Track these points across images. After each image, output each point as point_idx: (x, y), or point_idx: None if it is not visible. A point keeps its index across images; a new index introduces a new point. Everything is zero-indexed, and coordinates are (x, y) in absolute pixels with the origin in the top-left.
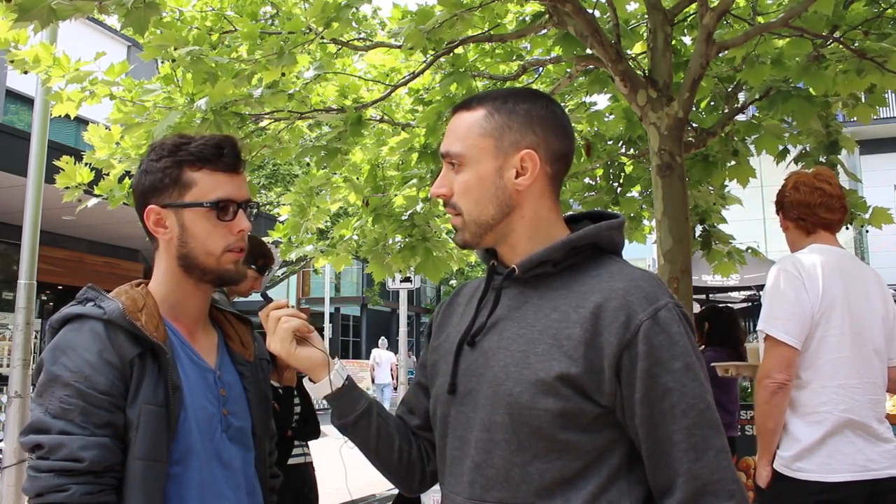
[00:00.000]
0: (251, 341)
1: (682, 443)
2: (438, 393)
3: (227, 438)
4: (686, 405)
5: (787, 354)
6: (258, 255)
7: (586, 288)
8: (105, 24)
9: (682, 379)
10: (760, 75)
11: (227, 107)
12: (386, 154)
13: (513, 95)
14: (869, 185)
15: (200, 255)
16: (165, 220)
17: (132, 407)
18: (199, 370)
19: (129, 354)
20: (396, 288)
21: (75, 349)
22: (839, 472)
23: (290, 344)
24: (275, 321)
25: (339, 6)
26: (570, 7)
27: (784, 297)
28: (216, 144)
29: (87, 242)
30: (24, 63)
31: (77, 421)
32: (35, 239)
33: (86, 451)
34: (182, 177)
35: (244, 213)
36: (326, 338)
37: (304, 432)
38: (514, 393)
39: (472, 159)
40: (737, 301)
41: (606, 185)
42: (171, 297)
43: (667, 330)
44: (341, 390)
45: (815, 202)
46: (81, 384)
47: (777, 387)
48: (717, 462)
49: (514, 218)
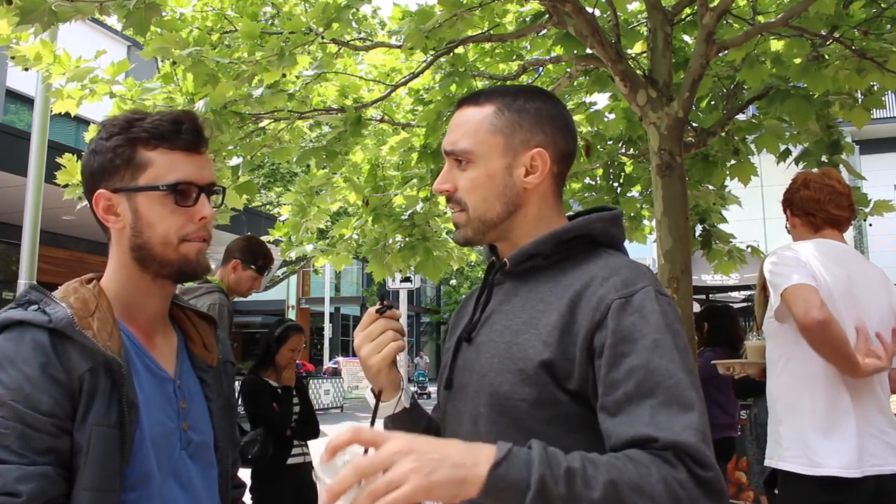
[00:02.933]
0: (215, 343)
1: (647, 419)
2: (440, 390)
3: (187, 456)
4: (652, 383)
5: (808, 291)
6: (258, 255)
7: (572, 279)
8: (105, 24)
9: (649, 355)
10: (760, 75)
11: (226, 106)
12: (386, 154)
13: (522, 93)
14: (869, 185)
15: (157, 246)
16: (117, 207)
17: (81, 429)
18: (157, 381)
19: (78, 369)
20: (396, 288)
21: (13, 362)
22: (846, 468)
23: (389, 364)
24: (381, 329)
25: (340, 6)
26: (570, 7)
27: (786, 261)
28: (173, 120)
29: (87, 242)
30: (25, 59)
31: (13, 447)
32: (35, 239)
33: (23, 483)
34: (135, 157)
35: (207, 198)
36: (326, 338)
37: (304, 432)
38: (495, 383)
39: (482, 156)
40: (737, 301)
41: (606, 185)
42: (125, 296)
43: (640, 310)
44: (408, 410)
45: (824, 199)
46: (20, 404)
47: (817, 323)
48: (676, 419)
49: (519, 216)
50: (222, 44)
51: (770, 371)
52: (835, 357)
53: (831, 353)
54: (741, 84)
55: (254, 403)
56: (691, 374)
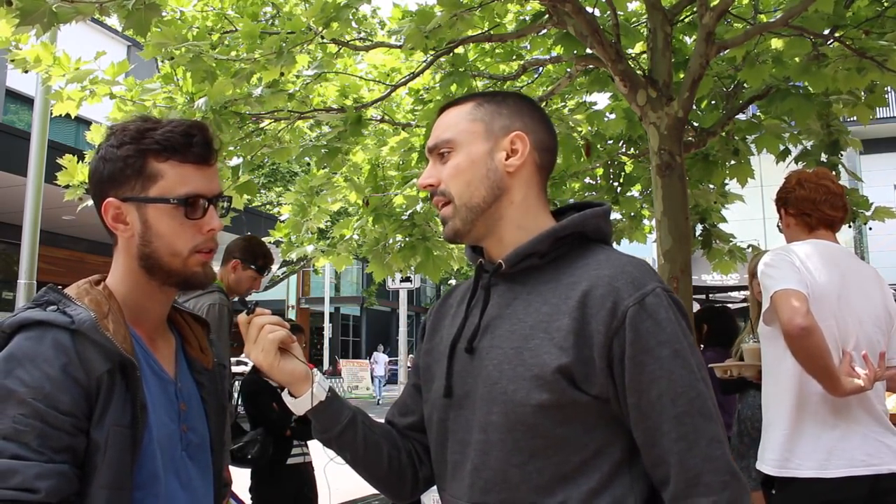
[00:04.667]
0: (209, 346)
1: (672, 432)
2: (434, 397)
3: (187, 457)
4: (675, 393)
5: (797, 297)
6: (258, 255)
7: (574, 278)
8: (105, 24)
9: (670, 366)
10: (760, 75)
11: (227, 106)
12: (386, 154)
13: (500, 93)
14: (869, 185)
15: (165, 256)
16: (126, 216)
17: (99, 429)
18: (161, 383)
19: (97, 370)
20: (396, 287)
21: (34, 361)
22: (838, 468)
23: (275, 357)
24: (257, 329)
25: (339, 6)
26: (569, 7)
27: (779, 264)
28: (184, 132)
29: (87, 242)
30: (25, 62)
31: (33, 445)
32: (35, 239)
33: (41, 480)
34: (146, 168)
35: (215, 209)
36: (326, 338)
37: (304, 432)
38: (509, 391)
39: (463, 143)
40: (736, 301)
41: (606, 184)
42: (131, 300)
43: (654, 316)
44: (323, 404)
45: (819, 199)
46: (40, 403)
47: (801, 330)
48: (710, 452)
49: (504, 203)
50: (222, 43)
51: (765, 373)
52: (814, 368)
53: (810, 364)
54: (741, 84)
55: (254, 403)
56: (707, 382)
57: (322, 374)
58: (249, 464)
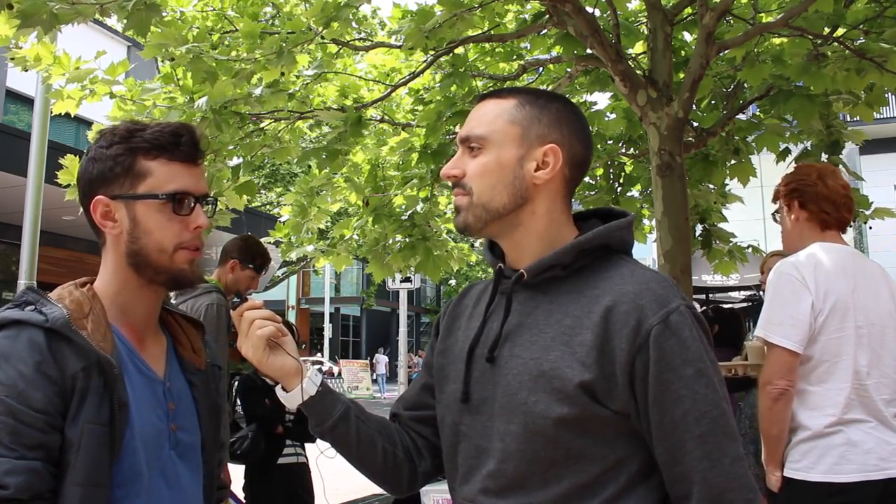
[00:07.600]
0: (203, 347)
1: (696, 451)
2: (449, 400)
3: (176, 456)
4: (699, 412)
5: (787, 360)
6: (255, 255)
7: (598, 291)
8: (105, 25)
9: (694, 385)
10: (760, 74)
11: (227, 106)
12: (386, 154)
13: (546, 94)
14: (869, 185)
15: (153, 253)
16: (114, 213)
17: (72, 426)
18: (148, 382)
19: (71, 368)
20: (396, 288)
21: (8, 360)
22: (850, 473)
23: (264, 351)
24: (248, 323)
25: (339, 6)
26: (570, 7)
27: (784, 300)
28: (173, 132)
29: (87, 242)
30: (25, 61)
31: (4, 441)
32: (35, 239)
33: (11, 476)
34: (135, 166)
35: (202, 207)
36: (326, 338)
37: (301, 432)
38: (529, 402)
39: (496, 143)
40: (737, 301)
41: (606, 184)
42: (118, 299)
43: (678, 334)
44: (314, 398)
45: (839, 201)
46: (13, 400)
47: (779, 393)
48: (733, 470)
49: (525, 212)
50: (222, 44)
51: None
52: (768, 429)
53: (768, 426)
54: (741, 84)
55: (246, 400)
56: (727, 399)
57: (315, 368)
58: (240, 459)
